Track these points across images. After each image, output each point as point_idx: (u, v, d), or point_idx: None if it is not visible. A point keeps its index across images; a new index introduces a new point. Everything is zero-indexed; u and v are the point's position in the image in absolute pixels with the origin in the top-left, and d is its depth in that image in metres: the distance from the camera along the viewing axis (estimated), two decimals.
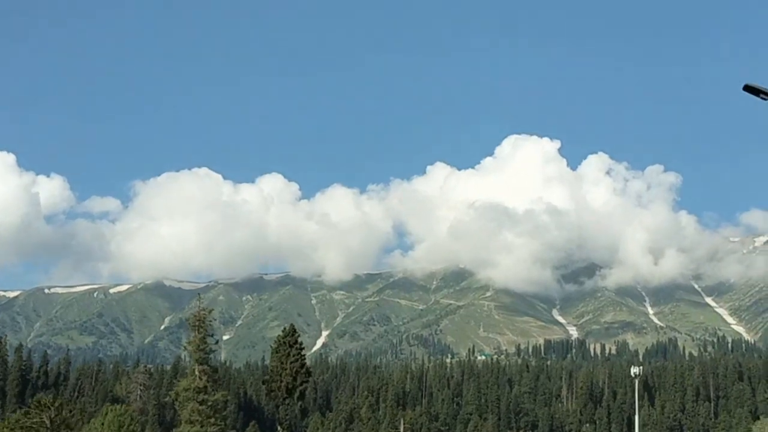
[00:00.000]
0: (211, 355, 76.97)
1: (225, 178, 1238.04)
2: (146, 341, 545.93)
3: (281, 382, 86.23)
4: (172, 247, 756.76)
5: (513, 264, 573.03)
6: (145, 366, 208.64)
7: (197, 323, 74.24)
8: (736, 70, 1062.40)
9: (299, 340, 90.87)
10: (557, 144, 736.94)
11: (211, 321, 76.15)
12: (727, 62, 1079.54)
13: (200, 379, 72.05)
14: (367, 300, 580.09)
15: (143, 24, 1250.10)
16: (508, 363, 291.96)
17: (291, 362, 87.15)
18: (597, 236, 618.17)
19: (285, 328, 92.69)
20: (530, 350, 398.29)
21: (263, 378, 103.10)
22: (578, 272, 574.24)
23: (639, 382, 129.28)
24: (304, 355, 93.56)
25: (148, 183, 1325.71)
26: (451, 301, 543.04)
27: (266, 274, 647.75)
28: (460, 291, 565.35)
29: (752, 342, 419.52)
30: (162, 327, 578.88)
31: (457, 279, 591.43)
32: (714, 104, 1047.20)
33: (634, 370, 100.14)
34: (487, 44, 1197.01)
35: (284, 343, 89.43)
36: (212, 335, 75.85)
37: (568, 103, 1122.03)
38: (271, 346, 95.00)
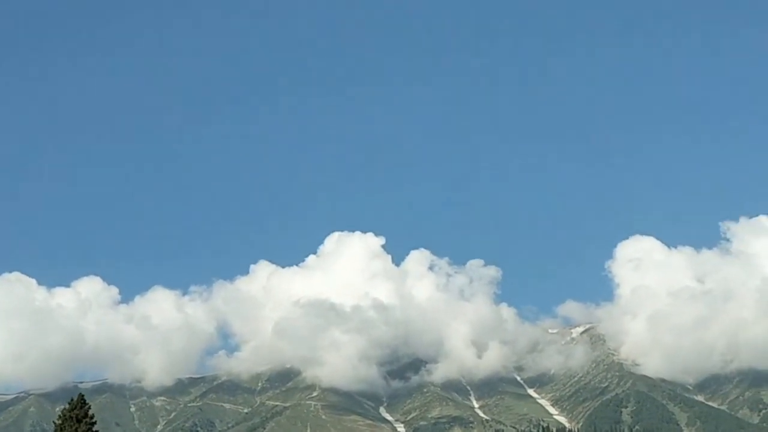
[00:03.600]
0: None
1: (39, 283, 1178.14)
2: None
3: None
4: None
5: (340, 362, 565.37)
6: None
7: None
8: (542, 175, 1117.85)
9: (90, 413, 79.89)
10: (382, 240, 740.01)
11: None
12: (533, 164, 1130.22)
13: None
14: (189, 405, 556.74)
15: None
16: None
17: None
18: (422, 331, 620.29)
19: (72, 399, 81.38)
20: None
21: None
22: (404, 368, 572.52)
23: None
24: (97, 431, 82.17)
25: None
26: (277, 403, 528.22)
27: (82, 382, 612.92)
28: (287, 392, 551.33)
29: (576, 431, 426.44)
30: None
31: (284, 379, 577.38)
32: (524, 204, 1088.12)
33: None
34: None
35: (70, 417, 77.72)
36: None
37: (391, 200, 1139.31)
38: (54, 422, 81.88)
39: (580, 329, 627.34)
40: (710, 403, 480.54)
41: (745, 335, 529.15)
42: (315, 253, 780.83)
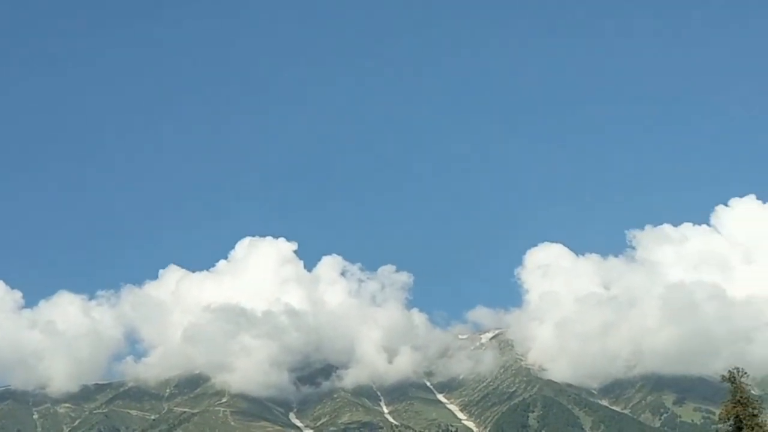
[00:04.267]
0: None
1: None
2: None
3: None
4: None
5: (250, 367, 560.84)
6: None
7: None
8: (453, 182, 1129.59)
9: None
10: (294, 245, 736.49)
11: None
12: (443, 171, 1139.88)
13: None
14: (95, 412, 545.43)
15: None
16: None
17: None
18: (334, 337, 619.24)
19: None
20: None
21: None
22: (315, 374, 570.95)
23: None
24: None
25: None
26: (185, 409, 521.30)
27: None
28: (195, 398, 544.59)
29: None
30: None
31: (192, 385, 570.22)
32: (435, 211, 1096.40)
33: None
34: None
35: None
36: None
37: (303, 205, 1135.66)
38: None
39: (490, 335, 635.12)
40: (614, 408, 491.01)
41: (649, 341, 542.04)
42: (226, 258, 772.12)
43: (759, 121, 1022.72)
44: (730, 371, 77.12)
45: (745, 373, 77.20)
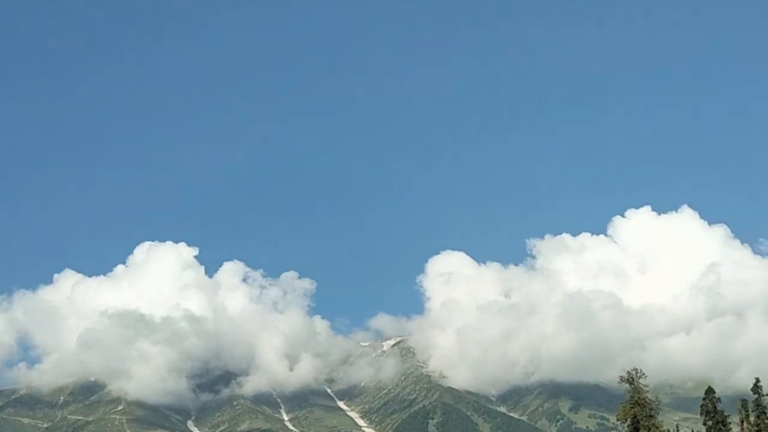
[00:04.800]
0: None
1: None
2: None
3: None
4: None
5: (148, 374, 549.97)
6: None
7: None
8: (354, 191, 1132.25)
9: None
10: (195, 250, 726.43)
11: None
12: (343, 179, 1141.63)
13: None
14: None
15: None
16: None
17: None
18: (234, 343, 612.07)
19: None
20: None
21: None
22: (215, 381, 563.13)
23: None
24: None
25: None
26: (80, 417, 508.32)
27: None
28: (90, 405, 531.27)
29: None
30: None
31: (87, 393, 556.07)
32: (338, 218, 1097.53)
33: None
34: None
35: None
36: None
37: (204, 209, 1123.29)
38: None
39: (392, 342, 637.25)
40: (512, 414, 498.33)
41: (547, 348, 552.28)
42: (124, 262, 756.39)
43: (655, 135, 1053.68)
44: (628, 372, 78.58)
45: (644, 374, 78.81)
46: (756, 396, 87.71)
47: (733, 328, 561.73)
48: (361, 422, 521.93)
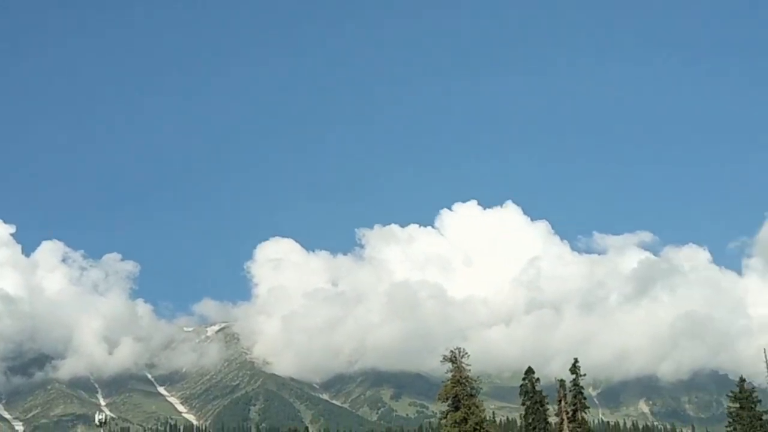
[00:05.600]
0: None
1: None
2: None
3: None
4: None
5: None
6: None
7: None
8: (188, 172, 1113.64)
9: None
10: (11, 228, 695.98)
11: None
12: (178, 159, 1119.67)
13: None
14: None
15: None
16: None
17: None
18: (51, 326, 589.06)
19: None
20: None
21: None
22: (28, 364, 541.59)
23: None
24: None
25: None
26: None
27: None
28: None
29: (204, 428, 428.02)
30: None
31: None
32: (169, 197, 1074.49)
33: None
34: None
35: None
36: None
37: (24, 186, 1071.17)
38: None
39: (216, 328, 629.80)
40: (334, 401, 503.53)
41: (372, 337, 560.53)
42: None
43: (482, 128, 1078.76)
44: (451, 351, 79.97)
45: (467, 353, 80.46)
46: (574, 376, 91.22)
47: (551, 320, 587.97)
48: (181, 408, 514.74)
